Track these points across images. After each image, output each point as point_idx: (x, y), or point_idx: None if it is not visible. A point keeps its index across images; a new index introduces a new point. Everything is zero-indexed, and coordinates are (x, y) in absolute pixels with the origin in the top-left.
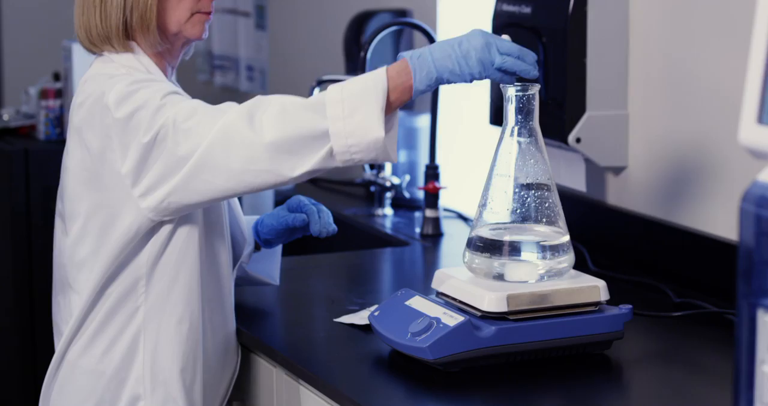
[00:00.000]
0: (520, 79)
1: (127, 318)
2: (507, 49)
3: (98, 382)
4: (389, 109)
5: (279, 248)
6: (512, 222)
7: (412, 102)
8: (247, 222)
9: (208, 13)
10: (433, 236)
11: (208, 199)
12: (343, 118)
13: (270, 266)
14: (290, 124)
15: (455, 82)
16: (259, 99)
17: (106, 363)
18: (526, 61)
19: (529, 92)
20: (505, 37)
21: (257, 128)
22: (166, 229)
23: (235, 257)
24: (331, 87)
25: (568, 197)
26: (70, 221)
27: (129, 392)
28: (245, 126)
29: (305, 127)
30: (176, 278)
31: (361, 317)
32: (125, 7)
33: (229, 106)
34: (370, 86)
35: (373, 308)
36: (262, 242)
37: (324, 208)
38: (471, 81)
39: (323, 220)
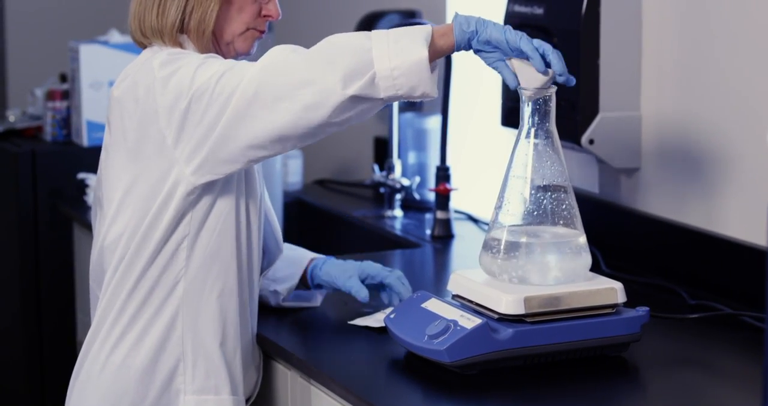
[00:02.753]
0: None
1: (167, 292)
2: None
3: (138, 359)
4: (432, 54)
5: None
6: (529, 224)
7: (421, 103)
8: (300, 257)
9: (262, 32)
10: (444, 237)
11: (251, 143)
12: (388, 44)
13: (311, 293)
14: (336, 47)
15: (489, 48)
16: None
17: (147, 340)
18: (553, 49)
19: (546, 94)
20: None
21: (302, 52)
22: (204, 203)
23: (269, 262)
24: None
25: (580, 199)
26: (107, 204)
27: (169, 366)
28: (290, 52)
29: (351, 46)
30: (217, 251)
31: (376, 320)
32: (186, 7)
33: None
34: (414, 27)
35: (388, 311)
36: (313, 284)
37: (400, 273)
38: (511, 51)
39: (406, 286)
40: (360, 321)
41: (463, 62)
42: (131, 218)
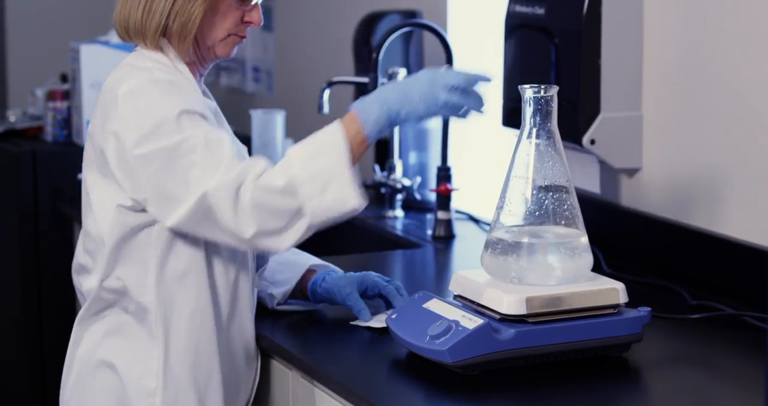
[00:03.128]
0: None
1: (139, 311)
2: (453, 83)
3: (114, 373)
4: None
5: None
6: (530, 224)
7: None
8: (300, 263)
9: (242, 37)
10: (445, 238)
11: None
12: (318, 196)
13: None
14: (266, 214)
15: (407, 123)
16: (240, 175)
17: (121, 356)
18: (473, 92)
19: (548, 94)
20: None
21: (240, 222)
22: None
23: (263, 261)
24: (296, 159)
25: (581, 199)
26: (86, 206)
27: (142, 387)
28: (230, 216)
29: (281, 211)
30: (185, 274)
31: (377, 320)
32: (170, 12)
33: (221, 165)
34: (335, 155)
35: (389, 311)
36: (312, 297)
37: (399, 284)
38: (421, 120)
39: (404, 297)
40: (361, 321)
41: (464, 62)
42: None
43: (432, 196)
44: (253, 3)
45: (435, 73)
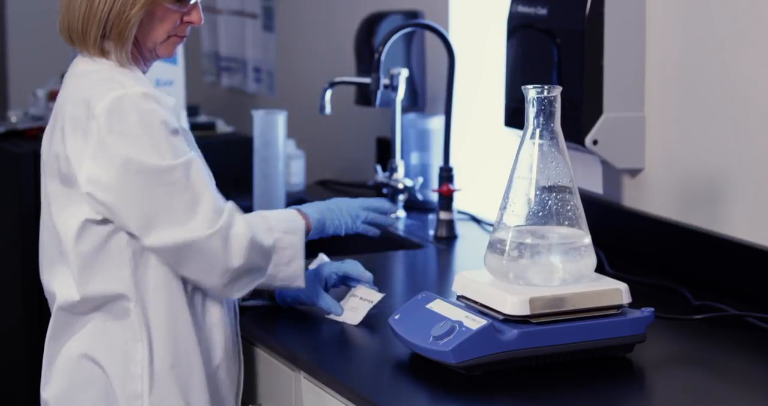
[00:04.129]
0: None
1: (119, 314)
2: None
3: (99, 369)
4: None
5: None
6: (533, 225)
7: (424, 103)
8: None
9: (183, 37)
10: (448, 238)
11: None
12: (283, 266)
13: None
14: (249, 259)
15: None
16: (232, 219)
17: (105, 357)
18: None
19: (551, 94)
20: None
21: (233, 254)
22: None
23: None
24: (277, 228)
25: (584, 199)
26: (46, 216)
27: (132, 385)
28: (222, 252)
29: (256, 266)
30: (160, 272)
31: (351, 309)
32: (107, 22)
33: (203, 211)
34: (300, 240)
35: (358, 298)
36: (281, 302)
37: (352, 261)
38: (345, 233)
39: (362, 270)
40: (335, 316)
41: (466, 63)
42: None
43: (434, 197)
44: (192, 2)
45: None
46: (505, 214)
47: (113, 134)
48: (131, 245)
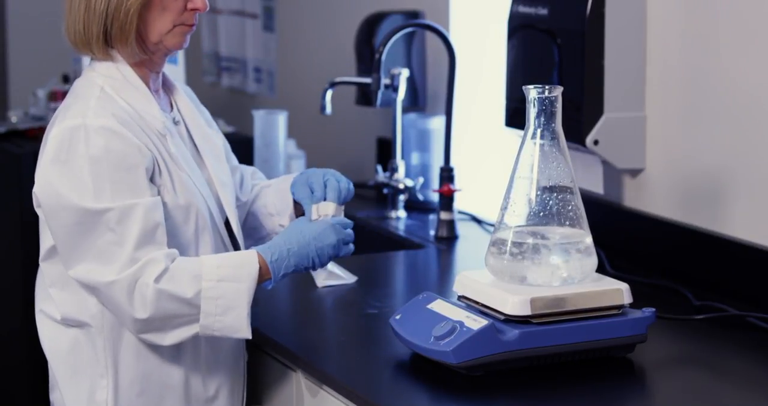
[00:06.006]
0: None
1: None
2: (347, 238)
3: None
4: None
5: None
6: (534, 225)
7: (425, 103)
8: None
9: (191, 26)
10: (448, 238)
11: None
12: (217, 316)
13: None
14: (162, 310)
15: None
16: (141, 270)
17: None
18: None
19: (552, 95)
20: (332, 209)
21: (136, 305)
22: None
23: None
24: (207, 276)
25: (585, 200)
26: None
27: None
28: (125, 300)
29: (177, 317)
30: None
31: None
32: (107, 17)
33: (123, 255)
34: (244, 288)
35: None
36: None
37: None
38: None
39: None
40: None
41: (467, 63)
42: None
43: (435, 197)
44: None
45: (338, 233)
46: (506, 214)
47: (57, 163)
48: None
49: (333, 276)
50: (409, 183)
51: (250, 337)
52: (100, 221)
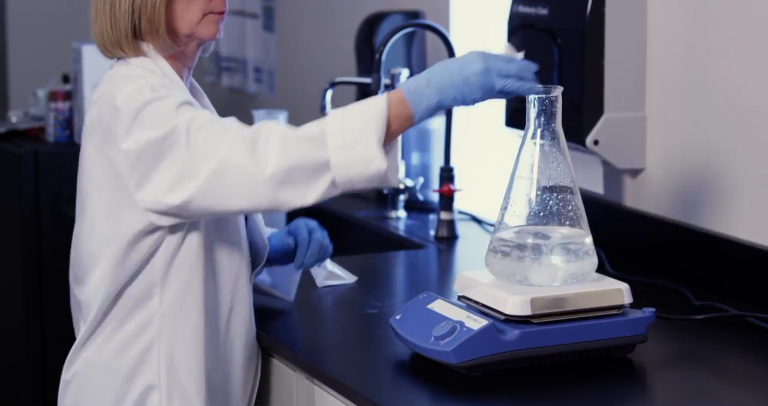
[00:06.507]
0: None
1: (143, 324)
2: (506, 71)
3: (114, 379)
4: (390, 137)
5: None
6: (535, 225)
7: None
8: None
9: (221, 13)
10: (448, 238)
11: (220, 213)
12: (345, 150)
13: (286, 279)
14: (292, 156)
15: (457, 106)
16: (260, 127)
17: (122, 362)
18: (527, 78)
19: (552, 95)
20: (504, 48)
21: (260, 160)
22: (177, 236)
23: (258, 262)
24: (332, 114)
25: (585, 200)
26: (80, 217)
27: (141, 389)
28: (247, 157)
29: (307, 159)
30: (189, 286)
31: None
32: (133, 12)
33: (232, 128)
34: (371, 117)
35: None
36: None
37: (318, 237)
38: (473, 104)
39: (309, 251)
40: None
41: None
42: (102, 247)
43: (435, 197)
44: None
45: (487, 60)
46: (506, 214)
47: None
48: (162, 249)
49: (333, 276)
50: (409, 183)
51: (384, 166)
52: (200, 120)
